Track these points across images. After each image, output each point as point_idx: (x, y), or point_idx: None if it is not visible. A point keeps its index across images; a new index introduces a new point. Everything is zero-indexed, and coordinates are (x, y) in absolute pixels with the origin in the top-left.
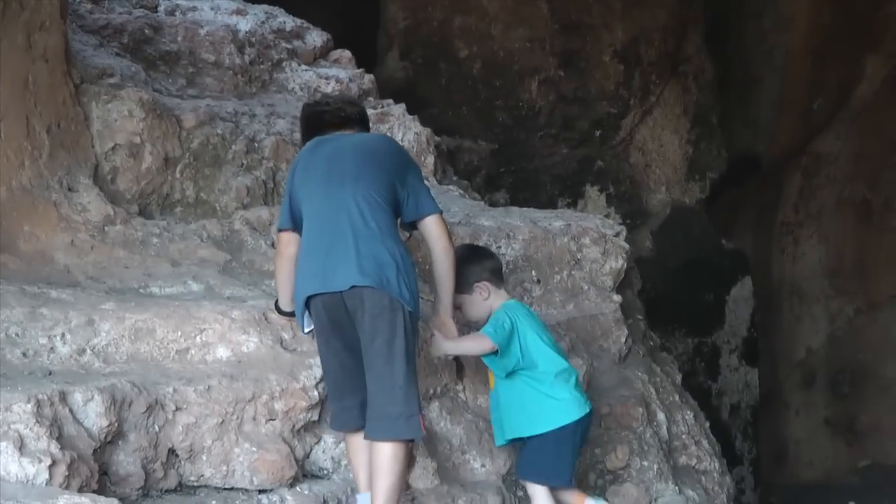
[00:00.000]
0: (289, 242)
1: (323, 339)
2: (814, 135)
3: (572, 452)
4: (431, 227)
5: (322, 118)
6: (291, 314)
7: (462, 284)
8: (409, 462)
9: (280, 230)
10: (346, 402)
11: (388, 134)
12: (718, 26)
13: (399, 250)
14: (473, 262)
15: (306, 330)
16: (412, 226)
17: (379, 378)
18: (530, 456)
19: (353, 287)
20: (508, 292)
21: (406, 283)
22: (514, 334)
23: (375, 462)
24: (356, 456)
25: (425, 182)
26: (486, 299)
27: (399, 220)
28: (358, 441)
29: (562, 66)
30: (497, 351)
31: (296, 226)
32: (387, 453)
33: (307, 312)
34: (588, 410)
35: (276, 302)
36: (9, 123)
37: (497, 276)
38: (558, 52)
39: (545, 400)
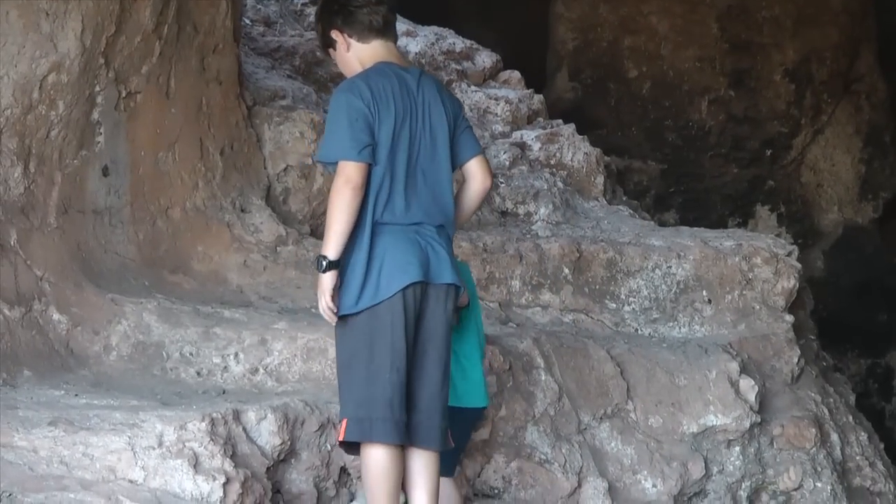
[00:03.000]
0: (365, 176)
1: (392, 336)
2: None
3: None
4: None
5: (359, 18)
6: (335, 267)
7: None
8: None
9: (360, 161)
10: (400, 412)
11: (558, 154)
12: (892, 45)
13: None
14: None
15: (359, 308)
16: None
17: (441, 386)
18: None
19: (449, 283)
20: None
21: None
22: None
23: (431, 470)
24: (397, 473)
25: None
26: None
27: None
28: (400, 457)
29: (732, 85)
30: None
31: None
32: (438, 462)
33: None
34: None
35: (321, 258)
36: (183, 145)
37: None
38: (728, 71)
39: None
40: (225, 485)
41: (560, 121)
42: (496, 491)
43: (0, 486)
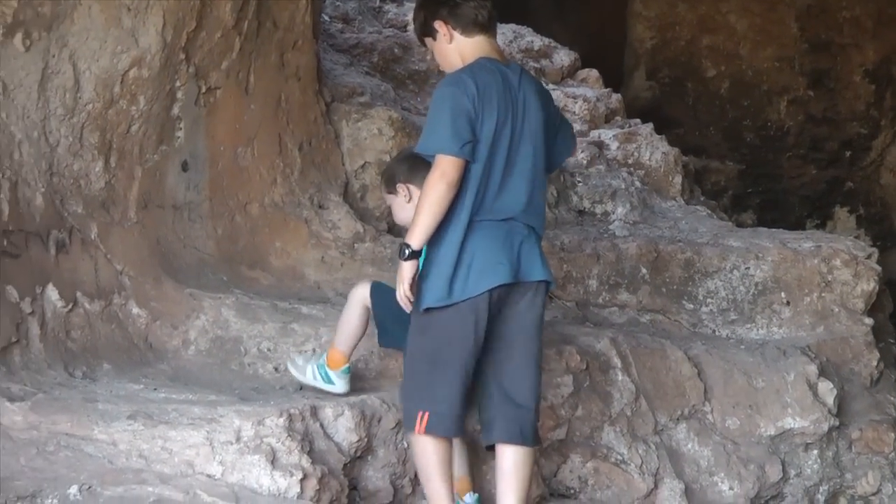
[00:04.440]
0: (461, 172)
1: (475, 334)
2: None
3: None
4: None
5: (465, 12)
6: (416, 256)
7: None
8: None
9: (459, 157)
10: (462, 408)
11: (636, 154)
12: None
13: None
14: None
15: (449, 302)
16: None
17: (536, 381)
18: None
19: (540, 280)
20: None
21: None
22: None
23: (525, 470)
24: (449, 465)
25: None
26: (410, 201)
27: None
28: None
29: (811, 85)
30: None
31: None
32: (532, 461)
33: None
34: None
35: (404, 245)
36: (262, 141)
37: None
38: (807, 71)
39: None
40: (302, 481)
41: (638, 120)
42: (572, 491)
43: (80, 479)
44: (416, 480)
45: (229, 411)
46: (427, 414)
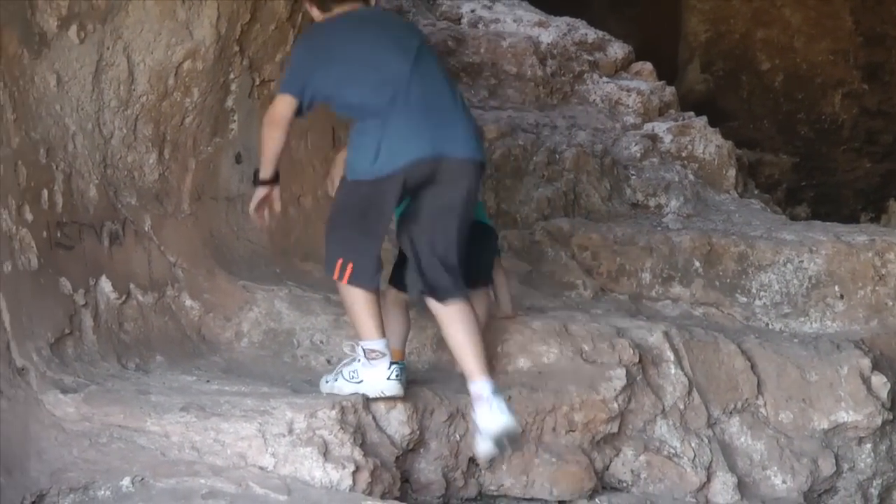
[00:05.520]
0: (291, 110)
1: (385, 211)
2: None
3: None
4: None
5: None
6: (267, 183)
7: None
8: None
9: (287, 93)
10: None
11: (689, 146)
12: None
13: None
14: None
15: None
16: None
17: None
18: None
19: (469, 157)
20: None
21: None
22: None
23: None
24: (377, 307)
25: None
26: None
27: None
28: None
29: (865, 79)
30: None
31: (303, 101)
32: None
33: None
34: None
35: (256, 173)
36: (315, 134)
37: None
38: (862, 64)
39: None
40: (354, 473)
41: (692, 113)
42: (624, 484)
43: (133, 470)
44: (468, 473)
45: (282, 403)
46: (351, 266)
